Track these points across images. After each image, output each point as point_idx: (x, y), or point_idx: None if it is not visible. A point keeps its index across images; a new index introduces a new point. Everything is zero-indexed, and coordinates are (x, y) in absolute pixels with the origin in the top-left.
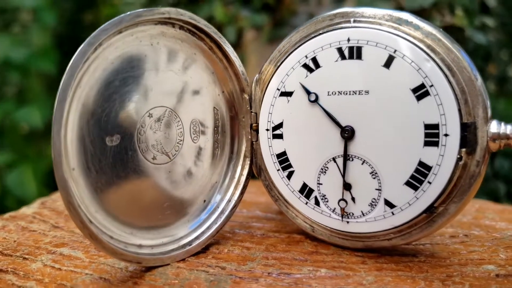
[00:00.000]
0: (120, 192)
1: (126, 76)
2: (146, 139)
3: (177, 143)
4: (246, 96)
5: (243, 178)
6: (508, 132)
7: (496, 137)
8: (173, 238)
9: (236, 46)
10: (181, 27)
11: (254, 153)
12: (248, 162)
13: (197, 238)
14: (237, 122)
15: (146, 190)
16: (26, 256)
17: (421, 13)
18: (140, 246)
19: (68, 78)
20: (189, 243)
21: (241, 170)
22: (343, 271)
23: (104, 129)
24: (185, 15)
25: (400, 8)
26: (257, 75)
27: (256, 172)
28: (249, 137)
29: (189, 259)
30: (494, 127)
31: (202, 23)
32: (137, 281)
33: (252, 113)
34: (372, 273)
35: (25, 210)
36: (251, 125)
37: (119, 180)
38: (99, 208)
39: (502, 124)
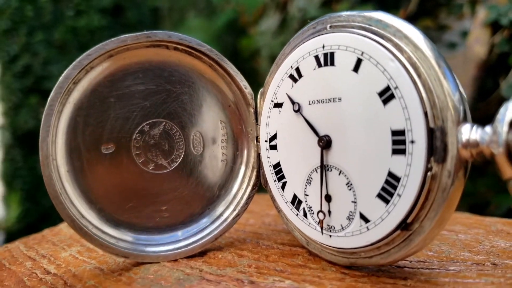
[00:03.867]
0: (117, 195)
1: (121, 93)
2: (143, 148)
3: (177, 153)
4: (251, 109)
5: (249, 189)
6: (478, 138)
7: (467, 143)
8: (170, 239)
9: None
10: (175, 48)
11: (261, 165)
12: (255, 173)
13: (194, 242)
14: (245, 134)
15: (144, 195)
16: (65, 247)
17: None
18: (132, 243)
19: (54, 95)
20: (186, 246)
21: (248, 181)
22: (308, 285)
23: (99, 139)
24: (174, 36)
25: None
26: (262, 88)
27: (263, 183)
28: (255, 149)
29: (180, 260)
30: (466, 132)
31: (194, 43)
32: (122, 272)
33: (258, 125)
34: None
35: None
36: (257, 137)
37: (115, 184)
38: (94, 206)
39: (474, 127)
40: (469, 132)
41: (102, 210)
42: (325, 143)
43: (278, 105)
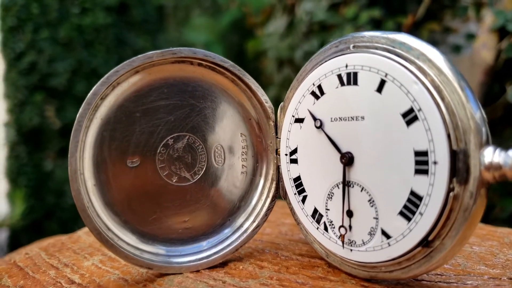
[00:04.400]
0: (141, 206)
1: (146, 108)
2: (167, 161)
3: (199, 166)
4: (271, 122)
5: (269, 201)
6: (501, 161)
7: (490, 166)
8: (191, 251)
9: None
10: (199, 64)
11: (280, 177)
12: (274, 185)
13: (216, 253)
14: (265, 147)
15: (166, 207)
16: (86, 256)
17: None
18: (156, 254)
19: (83, 111)
20: (208, 256)
21: (268, 192)
22: None
23: (125, 153)
24: (199, 53)
25: None
26: (282, 102)
27: (283, 195)
28: (275, 161)
29: (203, 271)
30: (489, 154)
31: (218, 59)
32: (147, 284)
33: (278, 139)
34: None
35: None
36: (276, 150)
37: (140, 196)
38: (119, 219)
39: (497, 151)
40: (492, 155)
41: (127, 222)
42: (348, 159)
43: (299, 120)
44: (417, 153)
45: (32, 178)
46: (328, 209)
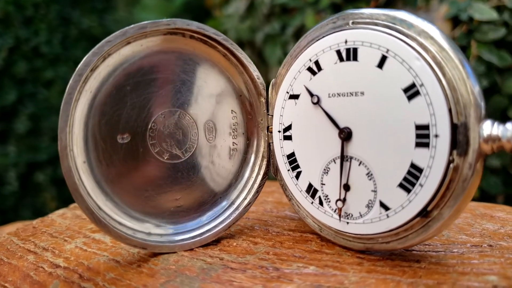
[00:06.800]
0: (132, 184)
1: (137, 81)
2: (158, 138)
3: (191, 143)
4: (263, 99)
5: (260, 178)
6: (499, 133)
7: (488, 138)
8: (184, 229)
9: None
10: (191, 36)
11: (271, 154)
12: (265, 162)
13: (208, 230)
14: (256, 124)
15: (158, 184)
16: (67, 239)
17: None
18: (149, 234)
19: (74, 83)
20: (200, 234)
21: (258, 170)
22: (332, 270)
23: (115, 128)
24: (192, 25)
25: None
26: (273, 79)
27: (274, 172)
28: (266, 138)
29: (196, 249)
30: (488, 127)
31: (211, 32)
32: (141, 264)
33: (269, 116)
34: (359, 275)
35: None
36: (268, 127)
37: (130, 174)
38: (110, 198)
39: (495, 124)
40: (491, 128)
41: (118, 200)
42: (346, 135)
43: (294, 97)
44: (418, 127)
45: None
46: (324, 184)
